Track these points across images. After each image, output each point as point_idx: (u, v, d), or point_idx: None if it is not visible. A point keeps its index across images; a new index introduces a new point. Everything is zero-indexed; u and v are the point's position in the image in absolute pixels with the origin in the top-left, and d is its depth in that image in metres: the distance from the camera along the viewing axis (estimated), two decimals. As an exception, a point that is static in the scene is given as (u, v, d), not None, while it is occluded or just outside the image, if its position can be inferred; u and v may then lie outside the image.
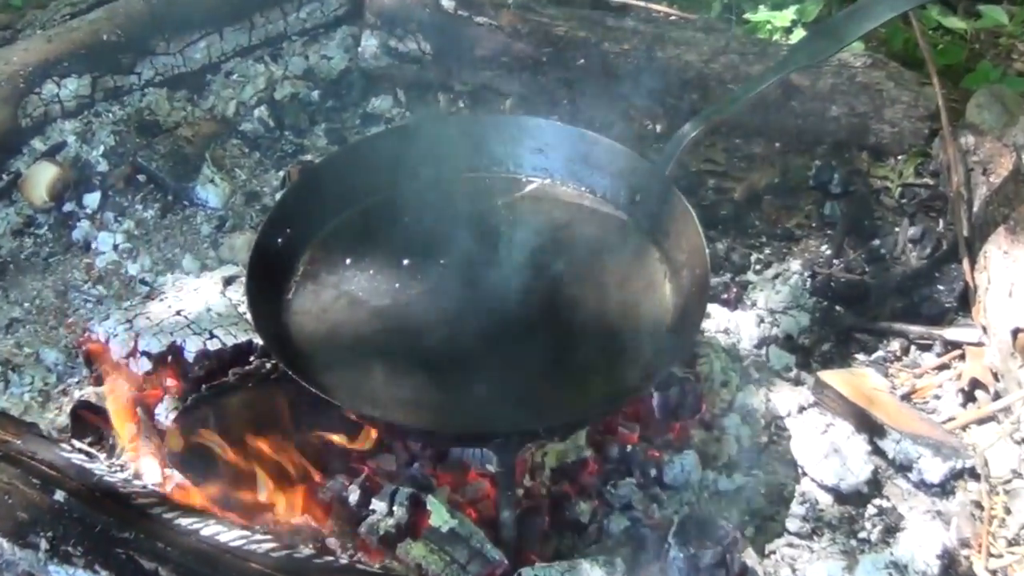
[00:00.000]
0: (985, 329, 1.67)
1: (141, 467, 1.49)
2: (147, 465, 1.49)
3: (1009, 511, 1.47)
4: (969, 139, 1.89)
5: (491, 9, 2.17)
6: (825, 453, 1.51)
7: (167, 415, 1.47)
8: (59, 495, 1.30)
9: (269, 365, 1.47)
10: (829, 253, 1.89)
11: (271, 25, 2.33)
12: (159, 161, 2.06)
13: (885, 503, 1.48)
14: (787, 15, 2.23)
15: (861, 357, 1.72)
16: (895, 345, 1.73)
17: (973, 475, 1.50)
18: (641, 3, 2.32)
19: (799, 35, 2.22)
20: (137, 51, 2.19)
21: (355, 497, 1.39)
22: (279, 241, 1.57)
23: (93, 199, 2.04)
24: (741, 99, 1.65)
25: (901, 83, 2.00)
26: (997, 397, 1.60)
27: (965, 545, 1.43)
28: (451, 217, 1.67)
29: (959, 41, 2.26)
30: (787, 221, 1.96)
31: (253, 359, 1.50)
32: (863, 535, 1.45)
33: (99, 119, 2.15)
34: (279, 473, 1.43)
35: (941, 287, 1.78)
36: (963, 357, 1.68)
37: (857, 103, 2.00)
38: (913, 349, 1.73)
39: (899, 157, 2.01)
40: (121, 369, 1.56)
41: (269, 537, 1.29)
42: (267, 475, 1.43)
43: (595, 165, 1.69)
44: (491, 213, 1.67)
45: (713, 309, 1.76)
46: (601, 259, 1.60)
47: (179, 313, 1.56)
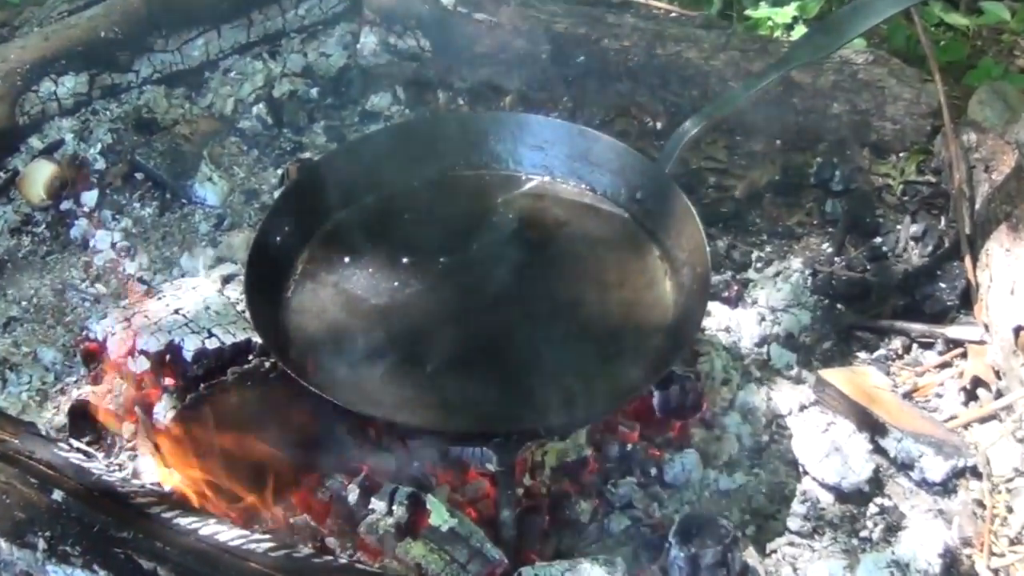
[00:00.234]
0: (987, 327, 1.66)
1: (139, 466, 1.48)
2: (145, 464, 1.48)
3: (1011, 510, 1.47)
4: (971, 136, 1.89)
5: (490, 6, 2.16)
6: (826, 452, 1.50)
7: (165, 414, 1.46)
8: (57, 494, 1.29)
9: (268, 364, 1.47)
10: (830, 251, 1.88)
11: (269, 22, 2.32)
12: (157, 159, 2.05)
13: (887, 502, 1.48)
14: (788, 11, 2.22)
15: (862, 355, 1.71)
16: (896, 343, 1.73)
17: (975, 474, 1.49)
18: None
19: (800, 32, 2.21)
20: (135, 48, 2.18)
21: (354, 496, 1.38)
22: (278, 239, 1.57)
23: (91, 197, 2.03)
24: (742, 96, 1.65)
25: (903, 80, 1.99)
26: (999, 395, 1.59)
27: (967, 544, 1.43)
28: (450, 215, 1.67)
29: (961, 38, 2.25)
30: (788, 219, 1.96)
31: (252, 358, 1.50)
32: (864, 534, 1.44)
33: (97, 117, 2.14)
34: (276, 472, 1.42)
35: (943, 285, 1.77)
36: (965, 355, 1.67)
37: (859, 100, 1.99)
38: (915, 347, 1.72)
39: (901, 154, 2.00)
40: (119, 368, 1.56)
41: (268, 536, 1.28)
42: (266, 473, 1.42)
43: (595, 162, 1.68)
44: (491, 211, 1.67)
45: (714, 307, 1.75)
46: (601, 257, 1.60)
47: (177, 312, 1.56)
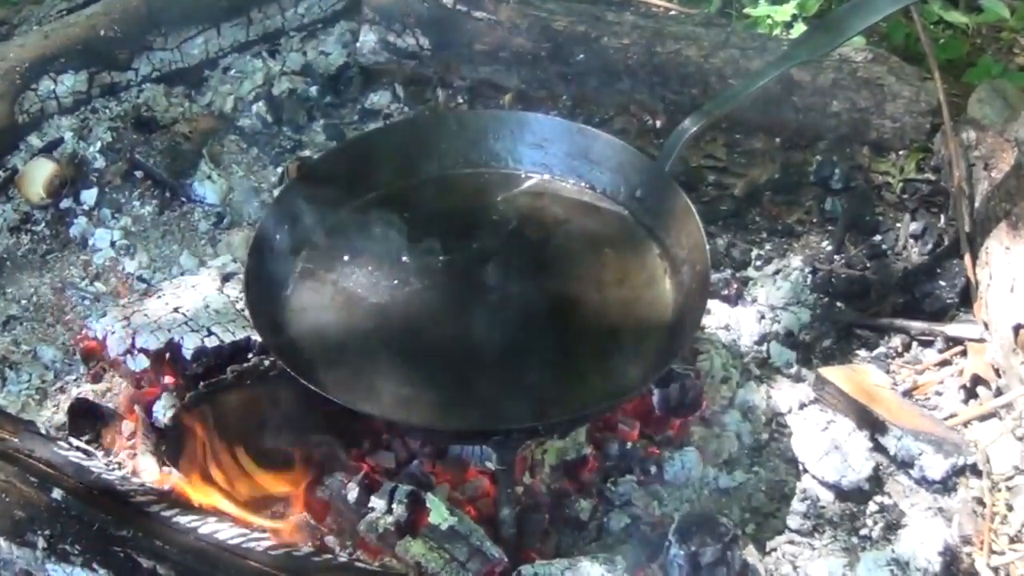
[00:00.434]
0: (987, 325, 1.66)
1: (139, 465, 1.48)
2: (145, 463, 1.47)
3: (1011, 508, 1.47)
4: (971, 134, 1.88)
5: (490, 4, 2.16)
6: (826, 450, 1.50)
7: (165, 413, 1.47)
8: (57, 493, 1.29)
9: (267, 362, 1.47)
10: (830, 249, 1.88)
11: (269, 20, 2.31)
12: (156, 157, 2.05)
13: (886, 500, 1.48)
14: (787, 9, 2.21)
15: (862, 353, 1.71)
16: (896, 341, 1.72)
17: (975, 472, 1.49)
18: (641, -3, 2.31)
19: (800, 30, 2.20)
20: (134, 47, 2.18)
21: (354, 495, 1.38)
22: (277, 237, 1.56)
23: (90, 196, 2.03)
24: (741, 94, 1.64)
25: (902, 78, 1.99)
26: (999, 393, 1.59)
27: (967, 542, 1.42)
28: (450, 213, 1.67)
29: (960, 36, 2.24)
30: (788, 217, 1.95)
31: (251, 356, 1.50)
32: (864, 532, 1.44)
33: (96, 115, 2.14)
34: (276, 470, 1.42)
35: (942, 283, 1.77)
36: (964, 353, 1.67)
37: (858, 98, 1.99)
38: (914, 345, 1.72)
39: (900, 152, 2.00)
40: (118, 366, 1.55)
41: (267, 535, 1.28)
42: (264, 472, 1.42)
43: (595, 161, 1.68)
44: (490, 209, 1.66)
45: (713, 305, 1.75)
46: (601, 255, 1.59)
47: (177, 310, 1.56)
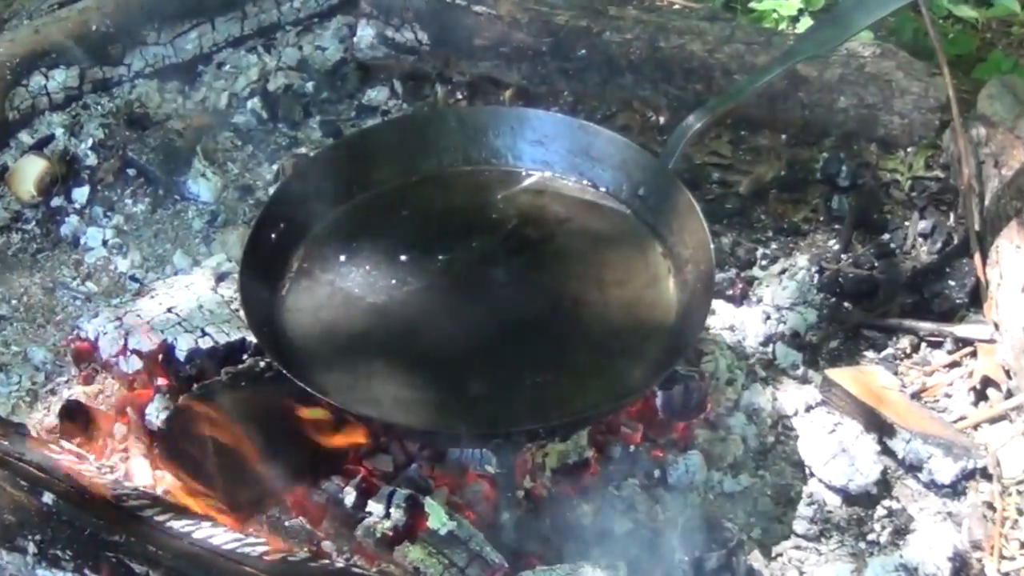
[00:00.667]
0: (997, 326, 1.64)
1: (132, 468, 1.47)
2: (138, 466, 1.46)
3: (1022, 512, 1.45)
4: (980, 131, 1.87)
5: (490, -2, 2.14)
6: (833, 453, 1.48)
7: (158, 415, 1.45)
8: (47, 497, 1.27)
9: (263, 364, 1.45)
10: (837, 248, 1.86)
11: (264, 15, 2.29)
12: (149, 154, 2.03)
13: (895, 504, 1.46)
14: (793, 3, 2.20)
15: (870, 354, 1.69)
16: (905, 342, 1.71)
17: (985, 475, 1.48)
18: (643, -9, 2.29)
19: (806, 24, 2.19)
20: (127, 41, 2.15)
21: (351, 499, 1.36)
22: (273, 236, 1.55)
23: (82, 193, 2.01)
24: (746, 90, 1.64)
25: (911, 73, 1.97)
26: (1009, 395, 1.57)
27: (977, 547, 1.41)
28: (449, 212, 1.66)
29: (970, 30, 2.23)
30: (794, 215, 1.94)
31: (246, 358, 1.48)
32: (872, 537, 1.43)
33: (88, 111, 2.11)
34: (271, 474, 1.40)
35: (952, 283, 1.75)
36: (974, 354, 1.65)
37: (866, 94, 1.97)
38: (923, 346, 1.70)
39: (909, 149, 1.98)
40: (111, 368, 1.54)
41: (263, 540, 1.27)
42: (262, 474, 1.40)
43: (596, 158, 1.67)
44: (490, 207, 1.65)
45: (718, 305, 1.73)
46: (603, 254, 1.58)
47: (170, 310, 1.54)
